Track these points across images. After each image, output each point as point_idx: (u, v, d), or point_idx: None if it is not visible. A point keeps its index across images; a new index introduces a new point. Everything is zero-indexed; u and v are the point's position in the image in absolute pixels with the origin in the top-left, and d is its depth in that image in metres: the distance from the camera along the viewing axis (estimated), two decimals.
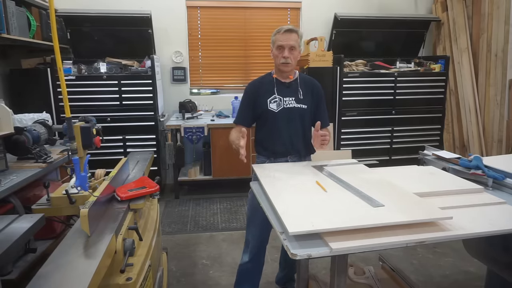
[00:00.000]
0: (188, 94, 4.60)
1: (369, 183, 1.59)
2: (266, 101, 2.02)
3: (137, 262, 1.30)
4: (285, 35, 1.95)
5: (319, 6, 4.58)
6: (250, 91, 2.10)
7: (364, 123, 4.27)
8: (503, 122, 4.55)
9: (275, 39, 1.99)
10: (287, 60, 1.96)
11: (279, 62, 1.99)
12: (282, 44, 1.95)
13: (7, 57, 3.60)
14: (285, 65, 1.98)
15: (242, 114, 2.11)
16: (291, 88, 2.06)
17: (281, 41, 1.95)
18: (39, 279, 0.96)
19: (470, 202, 1.46)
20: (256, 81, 2.14)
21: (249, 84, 2.14)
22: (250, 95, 2.08)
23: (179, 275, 2.59)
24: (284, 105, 2.02)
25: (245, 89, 2.13)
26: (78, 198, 1.51)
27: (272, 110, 2.01)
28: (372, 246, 1.13)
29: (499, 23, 4.32)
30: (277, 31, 1.99)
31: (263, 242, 2.07)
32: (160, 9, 4.27)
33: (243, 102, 2.12)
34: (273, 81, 2.06)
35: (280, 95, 2.03)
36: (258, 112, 2.05)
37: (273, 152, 2.05)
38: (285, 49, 1.95)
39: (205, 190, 4.34)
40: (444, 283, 2.50)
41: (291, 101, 2.04)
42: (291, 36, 1.95)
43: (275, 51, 2.00)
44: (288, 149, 2.05)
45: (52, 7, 1.55)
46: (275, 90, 2.04)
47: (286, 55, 1.95)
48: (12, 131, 2.02)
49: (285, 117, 2.02)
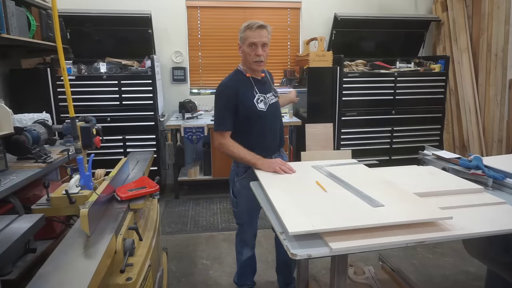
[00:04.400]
0: (188, 94, 4.61)
1: (369, 183, 1.59)
2: (252, 102, 1.95)
3: (137, 262, 1.30)
4: (257, 32, 1.87)
5: (319, 6, 4.58)
6: (230, 93, 1.94)
7: (364, 123, 4.27)
8: (503, 122, 4.54)
9: (245, 36, 1.90)
10: (260, 58, 1.90)
11: (252, 60, 1.91)
12: (255, 41, 1.87)
13: (7, 57, 3.60)
14: (258, 63, 1.92)
15: (226, 118, 1.94)
16: (266, 84, 2.07)
17: (254, 38, 1.87)
18: (39, 279, 0.96)
19: (470, 202, 1.46)
20: (230, 81, 2.00)
21: (226, 86, 1.97)
22: (231, 97, 1.93)
23: (179, 275, 2.59)
24: (269, 102, 2.02)
25: (220, 91, 1.97)
26: (78, 198, 1.51)
27: (262, 110, 1.97)
28: (372, 246, 1.13)
29: (499, 23, 4.31)
30: (246, 27, 1.89)
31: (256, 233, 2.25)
32: (160, 9, 4.27)
33: (223, 106, 1.95)
34: (250, 80, 1.99)
35: (261, 93, 2.00)
36: (244, 114, 1.95)
37: (263, 151, 1.96)
38: (258, 46, 1.88)
39: (205, 190, 4.34)
40: (444, 283, 2.50)
41: (271, 96, 2.06)
42: (262, 33, 1.88)
43: (247, 49, 1.91)
44: (276, 144, 2.09)
45: (55, 9, 1.55)
46: (256, 89, 1.99)
47: (260, 52, 1.89)
48: (12, 131, 2.02)
49: (272, 114, 2.03)
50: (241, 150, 1.92)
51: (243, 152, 1.91)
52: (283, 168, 1.77)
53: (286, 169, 1.77)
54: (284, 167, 1.78)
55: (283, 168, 1.77)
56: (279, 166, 1.78)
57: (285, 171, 1.77)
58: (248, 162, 1.89)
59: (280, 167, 1.78)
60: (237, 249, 2.27)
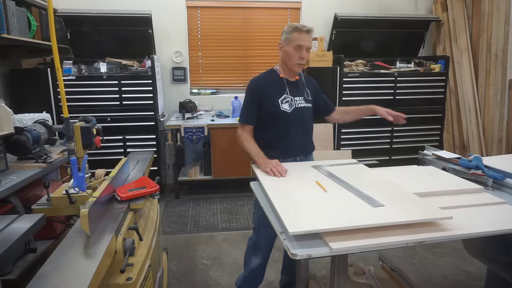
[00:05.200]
0: (188, 94, 4.60)
1: (369, 183, 1.59)
2: (277, 102, 1.96)
3: (137, 262, 1.30)
4: (305, 35, 1.88)
5: (319, 6, 4.58)
6: (256, 88, 2.00)
7: (364, 123, 4.24)
8: (503, 122, 4.54)
9: (293, 38, 1.89)
10: (303, 61, 1.92)
11: (295, 63, 1.92)
12: (302, 44, 1.88)
13: (7, 57, 3.60)
14: (300, 65, 1.95)
15: (249, 113, 2.00)
16: (299, 87, 2.05)
17: (302, 41, 1.88)
18: (39, 279, 0.96)
19: (470, 202, 1.46)
20: (260, 78, 2.05)
21: (253, 82, 2.03)
22: (256, 93, 1.99)
23: (179, 275, 2.59)
24: (295, 105, 2.00)
25: (248, 86, 2.03)
26: (78, 198, 1.51)
27: (285, 110, 1.97)
28: (372, 246, 1.13)
29: (499, 23, 4.31)
30: (295, 29, 1.89)
31: (273, 243, 2.06)
32: (160, 9, 4.27)
33: (248, 100, 2.01)
34: (283, 81, 2.01)
35: (291, 95, 2.00)
36: (268, 112, 1.98)
37: (283, 152, 1.98)
38: (304, 49, 1.89)
39: (205, 190, 4.34)
40: (444, 283, 2.50)
41: (300, 100, 2.03)
42: (309, 37, 1.90)
43: (292, 50, 1.91)
44: (300, 148, 2.04)
45: (50, 8, 1.55)
46: (288, 90, 1.99)
47: (305, 55, 1.90)
48: (12, 131, 2.02)
49: (297, 117, 2.00)
50: (250, 145, 1.94)
51: (251, 147, 1.93)
52: (273, 170, 1.74)
53: (276, 171, 1.74)
54: (275, 169, 1.74)
55: (273, 170, 1.74)
56: (271, 167, 1.76)
57: (275, 173, 1.73)
58: (252, 159, 1.91)
59: (271, 168, 1.75)
60: (247, 255, 2.15)
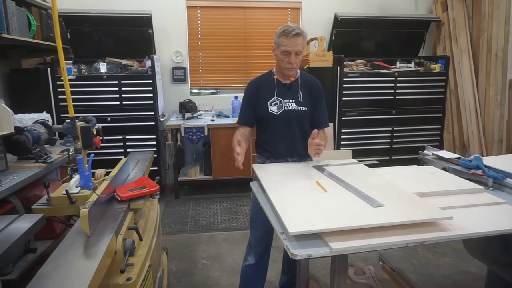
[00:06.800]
0: (188, 94, 4.60)
1: (369, 183, 1.59)
2: (266, 104, 1.98)
3: (137, 262, 1.30)
4: (291, 40, 1.84)
5: (319, 6, 4.58)
6: (250, 90, 2.04)
7: (364, 123, 4.27)
8: (503, 122, 4.54)
9: (280, 42, 1.88)
10: (292, 65, 1.91)
11: (284, 67, 1.92)
12: (289, 50, 1.86)
13: (7, 57, 3.61)
14: (290, 69, 1.94)
15: (245, 114, 2.06)
16: (291, 89, 2.02)
17: (288, 46, 1.85)
18: (39, 279, 0.96)
19: (470, 202, 1.46)
20: (256, 80, 2.09)
21: (250, 84, 2.08)
22: (251, 94, 2.03)
23: (179, 275, 2.59)
24: (284, 107, 1.99)
25: (245, 88, 2.08)
26: (78, 198, 1.51)
27: (273, 113, 1.97)
28: (372, 246, 1.13)
29: (499, 23, 4.31)
30: (282, 33, 1.86)
31: (268, 244, 2.03)
32: (160, 9, 4.27)
33: (244, 102, 2.07)
34: (274, 82, 2.01)
35: (280, 97, 1.99)
36: (259, 113, 2.01)
37: (273, 154, 2.02)
38: (291, 55, 1.87)
39: (205, 190, 4.34)
40: (444, 283, 2.50)
41: (291, 103, 2.00)
42: (297, 41, 1.85)
43: (280, 55, 1.91)
44: (289, 151, 2.03)
45: (55, 9, 1.55)
46: (276, 92, 1.99)
47: (293, 60, 1.88)
48: (12, 131, 2.02)
49: (285, 120, 1.99)
50: (235, 137, 1.96)
51: (235, 138, 1.94)
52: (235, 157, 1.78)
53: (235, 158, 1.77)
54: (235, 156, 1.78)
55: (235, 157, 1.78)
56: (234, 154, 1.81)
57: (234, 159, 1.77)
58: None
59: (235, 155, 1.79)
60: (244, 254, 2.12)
